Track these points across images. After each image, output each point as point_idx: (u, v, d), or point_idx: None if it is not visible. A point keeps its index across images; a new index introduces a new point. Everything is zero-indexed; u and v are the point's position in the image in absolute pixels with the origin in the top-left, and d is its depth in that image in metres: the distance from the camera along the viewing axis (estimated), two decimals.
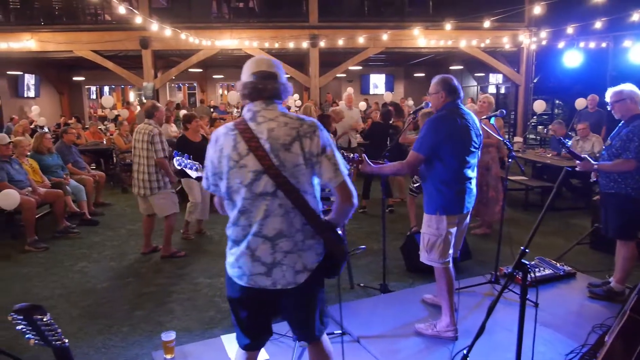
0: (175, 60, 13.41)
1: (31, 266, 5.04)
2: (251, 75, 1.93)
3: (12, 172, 5.76)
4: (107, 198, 7.97)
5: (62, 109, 18.14)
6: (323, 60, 12.35)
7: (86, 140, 10.05)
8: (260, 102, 1.92)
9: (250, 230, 1.88)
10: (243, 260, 1.91)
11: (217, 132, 1.94)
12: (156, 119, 5.01)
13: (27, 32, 11.62)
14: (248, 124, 1.88)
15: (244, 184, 1.84)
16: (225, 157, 1.85)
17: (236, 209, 1.89)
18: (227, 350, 3.17)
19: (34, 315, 1.48)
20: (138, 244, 5.69)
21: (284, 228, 1.87)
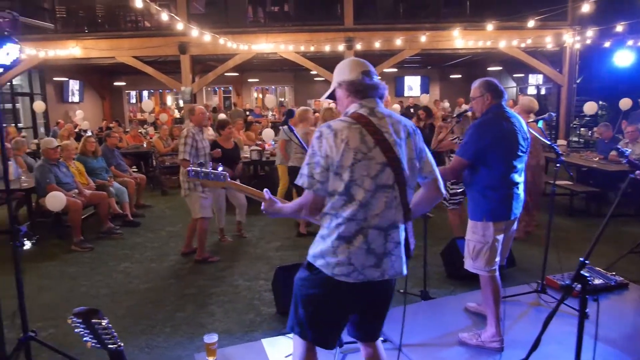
0: (212, 64, 13.63)
1: (77, 266, 5.21)
2: (360, 74, 1.99)
3: (59, 175, 5.98)
4: (148, 200, 8.17)
5: (103, 113, 18.74)
6: None
7: (127, 143, 10.33)
8: (372, 100, 1.99)
9: (367, 223, 1.89)
10: (357, 255, 1.90)
11: (334, 127, 1.90)
12: (193, 122, 5.10)
13: (73, 39, 12.05)
14: (369, 118, 1.92)
15: (370, 175, 1.87)
16: (352, 150, 1.85)
17: (355, 203, 1.87)
18: (268, 353, 3.18)
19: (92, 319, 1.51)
20: (178, 245, 5.80)
21: (396, 219, 1.95)
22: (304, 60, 12.17)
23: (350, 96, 2.01)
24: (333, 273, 1.92)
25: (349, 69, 2.03)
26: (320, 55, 12.52)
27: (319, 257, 1.95)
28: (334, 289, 1.94)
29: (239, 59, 12.09)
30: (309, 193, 1.92)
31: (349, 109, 2.01)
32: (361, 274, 1.92)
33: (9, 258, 5.52)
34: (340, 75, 2.04)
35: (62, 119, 15.15)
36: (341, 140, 1.86)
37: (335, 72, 2.09)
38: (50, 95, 16.04)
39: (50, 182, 5.80)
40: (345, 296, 1.96)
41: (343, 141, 1.86)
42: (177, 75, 12.55)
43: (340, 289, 1.93)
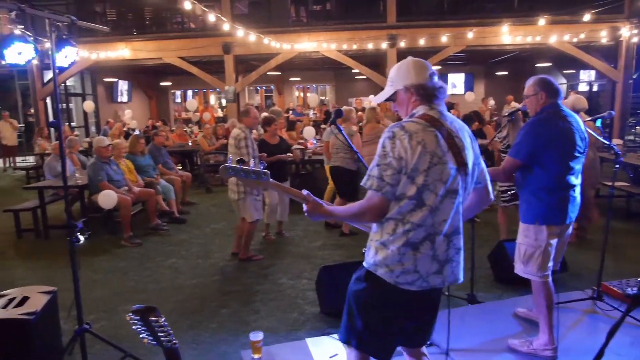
0: (254, 64, 13.80)
1: (127, 260, 5.39)
2: (428, 77, 1.95)
3: (110, 172, 6.21)
4: (193, 197, 8.36)
5: (150, 113, 19.34)
6: (400, 59, 12.14)
7: (173, 142, 10.62)
8: (440, 103, 1.96)
9: (435, 229, 1.85)
10: (423, 262, 1.85)
11: (408, 128, 1.83)
12: (245, 123, 5.13)
13: (122, 41, 12.49)
14: (441, 121, 1.89)
15: (442, 180, 1.83)
16: (428, 153, 1.80)
17: (425, 209, 1.82)
18: (313, 353, 3.19)
19: (150, 317, 1.55)
20: (222, 242, 5.90)
21: (459, 225, 1.93)
22: (346, 59, 12.13)
23: (417, 99, 1.95)
24: (396, 282, 1.86)
25: (416, 71, 1.96)
26: (362, 54, 12.46)
27: (382, 266, 1.88)
28: (395, 298, 1.89)
29: (281, 58, 12.19)
30: (376, 196, 1.84)
31: (416, 111, 1.94)
32: (425, 282, 1.88)
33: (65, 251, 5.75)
34: (406, 78, 1.97)
35: (112, 118, 15.73)
36: (417, 143, 1.80)
37: (395, 74, 2.01)
38: (100, 95, 16.72)
39: (102, 179, 6.04)
40: (407, 304, 1.92)
41: (420, 144, 1.81)
42: (221, 74, 12.78)
43: (403, 298, 1.89)
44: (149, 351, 3.29)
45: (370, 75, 12.59)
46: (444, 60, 12.79)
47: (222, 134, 10.34)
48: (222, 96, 23.32)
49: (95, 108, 16.15)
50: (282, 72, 18.01)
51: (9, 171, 12.92)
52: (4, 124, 12.92)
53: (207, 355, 3.36)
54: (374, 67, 13.03)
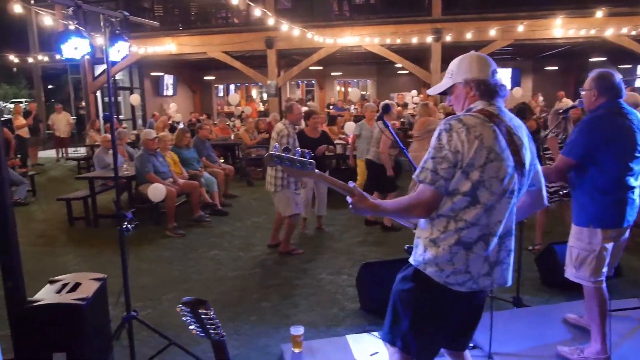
0: (296, 58, 13.87)
1: (171, 251, 5.54)
2: (491, 73, 1.90)
3: (157, 164, 6.39)
4: (234, 190, 8.49)
5: (194, 106, 19.78)
6: (444, 54, 11.91)
7: (216, 135, 10.81)
8: (500, 100, 1.90)
9: (490, 229, 1.80)
10: (475, 263, 1.81)
11: (466, 121, 1.78)
12: (289, 119, 5.14)
13: (169, 36, 12.81)
14: (501, 117, 1.84)
15: (499, 178, 1.77)
16: (486, 149, 1.74)
17: (479, 207, 1.77)
18: (353, 350, 3.17)
19: (199, 309, 1.58)
20: (263, 236, 5.96)
21: (512, 226, 1.88)
22: (389, 53, 12.00)
23: (477, 95, 1.89)
24: (446, 282, 1.82)
25: (479, 66, 1.90)
26: (405, 48, 12.29)
27: (430, 264, 1.83)
28: (444, 298, 1.84)
29: (323, 53, 12.19)
30: (428, 190, 1.77)
31: (473, 106, 1.88)
32: (475, 283, 1.83)
33: (112, 239, 5.97)
34: (467, 72, 1.90)
35: (157, 111, 16.21)
36: (475, 137, 1.75)
37: (456, 67, 1.94)
38: (147, 88, 17.23)
39: (149, 171, 6.22)
40: (455, 305, 1.88)
41: (477, 138, 1.75)
42: (263, 69, 12.91)
43: (451, 298, 1.84)
44: (192, 340, 3.36)
45: (413, 70, 12.42)
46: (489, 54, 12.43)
47: (264, 128, 10.46)
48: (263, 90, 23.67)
49: (141, 101, 16.65)
50: (324, 66, 17.99)
51: (61, 161, 13.52)
52: (57, 116, 13.51)
53: (248, 346, 3.41)
54: (417, 62, 12.83)
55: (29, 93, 26.22)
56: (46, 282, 3.18)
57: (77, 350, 2.78)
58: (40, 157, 13.24)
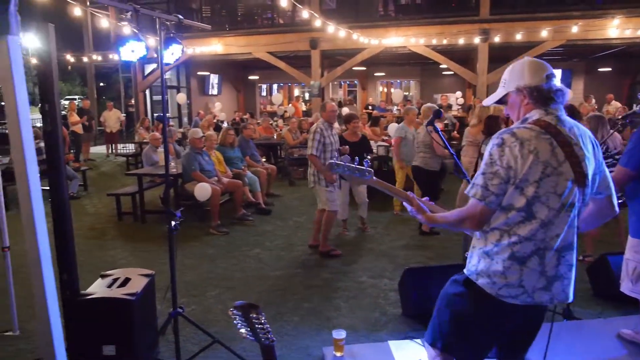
0: (340, 59, 13.86)
1: (215, 248, 5.64)
2: (545, 77, 1.79)
3: (202, 163, 6.52)
4: (276, 190, 8.56)
5: (238, 105, 20.11)
6: (492, 55, 11.61)
7: (259, 134, 10.92)
8: (558, 107, 1.81)
9: (546, 244, 1.75)
10: (529, 277, 1.76)
11: (520, 135, 1.72)
12: (324, 117, 5.18)
13: (216, 37, 13.08)
14: (558, 128, 1.75)
15: (557, 192, 1.71)
16: (541, 163, 1.69)
17: (535, 222, 1.73)
18: (395, 357, 3.12)
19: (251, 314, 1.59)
20: (304, 236, 5.98)
21: (573, 240, 1.80)
22: (434, 54, 11.80)
23: (530, 103, 1.81)
24: (498, 294, 1.78)
25: (531, 71, 1.81)
26: (451, 49, 12.06)
27: (483, 276, 1.81)
28: (495, 309, 1.80)
29: (367, 54, 12.13)
30: (478, 205, 1.76)
31: (529, 115, 1.81)
32: (530, 297, 1.77)
33: (159, 235, 6.12)
34: (519, 79, 1.83)
35: (202, 109, 16.56)
36: (529, 152, 1.69)
37: (508, 74, 1.88)
38: (193, 87, 17.64)
39: (195, 169, 6.36)
40: (506, 318, 1.83)
41: (532, 152, 1.69)
42: (307, 69, 12.98)
43: (502, 310, 1.80)
44: (235, 338, 3.41)
45: (459, 71, 12.18)
46: (539, 55, 12.03)
47: (306, 128, 10.48)
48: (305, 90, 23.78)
49: (187, 100, 17.06)
50: (367, 67, 17.89)
51: (111, 157, 14.03)
52: (108, 113, 14.03)
53: (290, 347, 3.41)
54: (463, 63, 12.58)
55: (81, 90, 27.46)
56: (96, 274, 3.29)
57: (126, 343, 2.86)
58: (91, 153, 13.78)
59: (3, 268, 3.64)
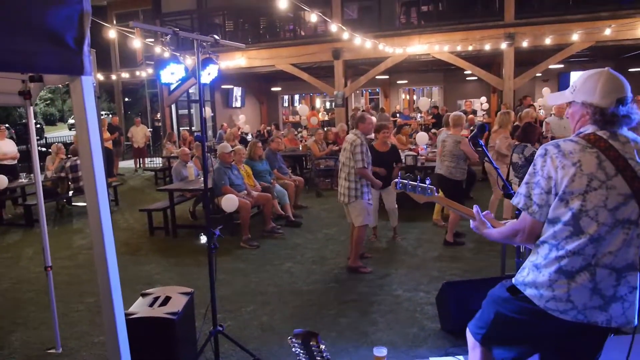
0: (363, 68, 13.86)
1: (247, 262, 5.66)
2: (615, 101, 1.77)
3: (232, 177, 6.57)
4: (304, 202, 8.57)
5: (260, 117, 20.30)
6: (517, 59, 11.44)
7: (284, 146, 10.98)
8: (616, 129, 1.79)
9: (597, 260, 1.72)
10: (579, 293, 1.74)
11: (563, 147, 1.76)
12: (361, 129, 5.10)
13: (239, 51, 13.23)
14: (610, 142, 1.74)
15: (607, 207, 1.69)
16: (586, 176, 1.70)
17: (584, 237, 1.72)
18: None
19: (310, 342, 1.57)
20: (335, 249, 5.96)
21: (636, 260, 1.74)
22: (459, 60, 11.70)
23: (590, 120, 1.80)
24: (545, 306, 1.78)
25: (603, 91, 1.78)
26: (475, 54, 11.94)
27: (530, 287, 1.84)
28: (541, 321, 1.80)
29: (391, 62, 12.10)
30: (526, 216, 1.82)
31: (583, 129, 1.81)
32: (581, 314, 1.73)
33: (191, 249, 6.17)
34: (589, 94, 1.81)
35: (226, 122, 16.77)
36: (572, 163, 1.72)
37: (581, 84, 1.84)
38: (217, 101, 17.90)
39: (225, 183, 6.42)
40: (551, 332, 1.81)
41: (575, 165, 1.71)
42: (329, 79, 13.02)
43: (548, 323, 1.79)
44: (274, 355, 3.40)
45: (484, 77, 12.04)
46: (566, 59, 11.81)
47: (332, 139, 10.50)
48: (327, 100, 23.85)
49: (212, 113, 17.32)
50: (390, 75, 17.88)
51: (139, 171, 14.29)
52: (136, 128, 14.30)
53: None
54: (488, 68, 12.46)
55: (108, 106, 28.14)
56: (134, 290, 3.33)
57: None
58: (120, 167, 14.07)
59: (45, 286, 3.71)
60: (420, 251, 5.75)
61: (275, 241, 6.45)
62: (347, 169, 5.08)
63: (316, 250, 5.98)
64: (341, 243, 6.13)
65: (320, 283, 4.92)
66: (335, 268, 5.34)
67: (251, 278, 5.13)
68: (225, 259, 5.79)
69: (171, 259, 5.90)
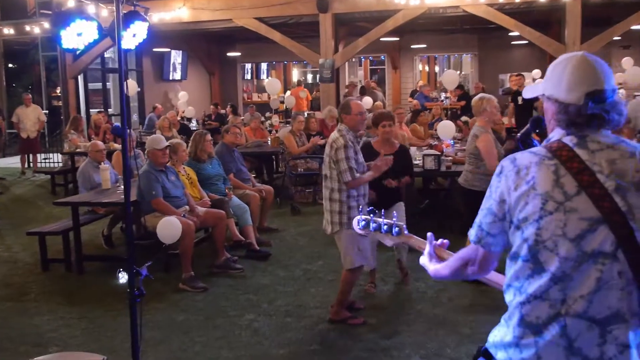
0: (362, 26, 13.93)
1: (189, 312, 5.61)
2: (584, 96, 1.88)
3: (167, 185, 6.51)
4: (274, 222, 8.55)
5: (211, 95, 20.26)
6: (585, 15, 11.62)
7: (246, 139, 10.94)
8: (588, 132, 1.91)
9: (566, 308, 1.81)
10: (550, 354, 1.82)
11: (519, 161, 1.92)
12: (346, 122, 5.09)
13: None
14: (574, 151, 1.86)
15: (567, 236, 1.80)
16: (539, 197, 1.83)
17: (545, 275, 1.83)
18: None
19: None
20: (320, 292, 5.95)
21: (623, 308, 1.79)
22: (501, 16, 11.84)
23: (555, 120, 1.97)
24: None
25: (569, 82, 1.91)
26: (525, 8, 12.13)
27: (500, 348, 1.96)
28: None
29: (402, 17, 12.18)
30: (475, 247, 2.02)
31: (551, 135, 1.98)
32: None
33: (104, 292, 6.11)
34: (553, 85, 1.96)
35: (160, 102, 16.66)
36: (525, 182, 1.86)
37: (550, 71, 1.99)
38: (146, 70, 17.85)
39: (157, 194, 6.34)
40: None
41: (528, 183, 1.85)
42: (312, 41, 13.06)
43: None
44: None
45: (537, 41, 12.23)
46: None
47: (314, 129, 10.49)
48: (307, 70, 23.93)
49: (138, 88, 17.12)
50: (400, 36, 18.02)
51: (28, 174, 14.06)
52: (24, 110, 14.06)
53: None
54: (543, 28, 12.61)
55: None
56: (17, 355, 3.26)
57: None
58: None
59: None
60: (444, 297, 5.77)
61: (231, 281, 6.41)
62: (329, 185, 5.09)
63: (291, 296, 5.96)
64: (329, 284, 6.12)
65: (298, 345, 4.90)
66: (320, 322, 5.32)
67: (194, 337, 5.09)
68: (157, 307, 5.73)
69: (74, 308, 5.81)
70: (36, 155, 14.63)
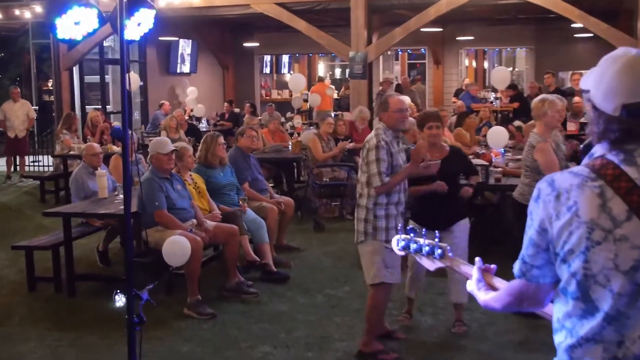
0: (399, 14, 13.94)
1: (194, 342, 5.63)
2: (620, 107, 1.83)
3: (173, 196, 6.54)
4: (294, 239, 8.56)
5: (224, 92, 20.32)
6: None
7: (264, 143, 10.97)
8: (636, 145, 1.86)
9: (624, 351, 1.80)
10: None
11: (558, 183, 1.88)
12: (384, 120, 5.14)
13: None
14: (621, 168, 1.82)
15: (620, 269, 1.77)
16: (584, 225, 1.79)
17: (599, 314, 1.81)
18: None
19: None
20: (346, 322, 5.94)
21: None
22: (562, 5, 11.76)
23: (598, 131, 1.90)
24: None
25: (607, 87, 1.85)
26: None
27: None
28: None
29: (446, 5, 12.15)
30: (521, 282, 2.01)
31: (594, 150, 1.93)
32: None
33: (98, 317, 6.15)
34: (594, 89, 1.89)
35: (166, 99, 16.75)
36: (567, 208, 1.82)
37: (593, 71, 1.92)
38: (151, 62, 17.91)
39: (161, 206, 6.38)
40: None
41: (570, 209, 1.81)
42: (341, 31, 13.07)
43: None
44: None
45: (604, 33, 12.10)
46: None
47: (344, 133, 10.49)
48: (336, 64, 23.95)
49: (141, 82, 17.23)
50: (443, 26, 17.99)
51: (14, 179, 14.20)
52: (12, 106, 14.22)
53: None
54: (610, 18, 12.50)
55: None
56: None
57: None
58: None
59: None
60: (492, 331, 5.74)
61: (243, 307, 6.42)
62: (359, 189, 5.17)
63: (313, 325, 5.96)
64: (355, 314, 6.09)
65: None
66: (345, 356, 5.32)
67: None
68: (157, 334, 5.74)
69: (64, 334, 5.86)
70: (24, 157, 14.70)
